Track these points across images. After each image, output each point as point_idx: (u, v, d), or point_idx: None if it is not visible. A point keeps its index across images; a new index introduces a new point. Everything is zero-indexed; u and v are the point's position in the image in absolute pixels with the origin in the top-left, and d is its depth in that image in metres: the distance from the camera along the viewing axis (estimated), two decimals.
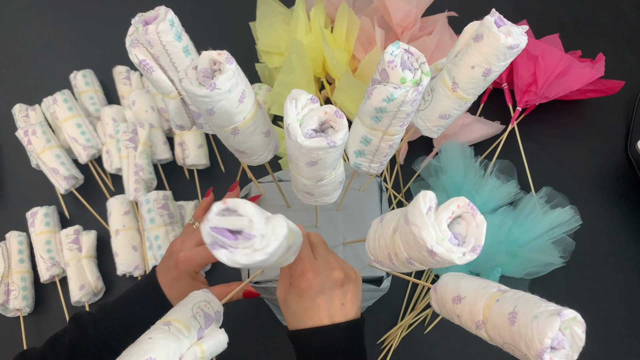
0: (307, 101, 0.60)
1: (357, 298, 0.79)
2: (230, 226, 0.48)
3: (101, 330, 0.84)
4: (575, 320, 0.53)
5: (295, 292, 0.75)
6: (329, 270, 0.75)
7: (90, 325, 0.85)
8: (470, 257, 0.55)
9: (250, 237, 0.48)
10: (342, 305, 0.76)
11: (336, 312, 0.75)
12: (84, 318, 0.86)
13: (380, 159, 0.75)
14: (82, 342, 0.84)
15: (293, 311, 0.76)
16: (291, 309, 0.77)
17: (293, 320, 0.77)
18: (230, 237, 0.48)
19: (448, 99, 0.74)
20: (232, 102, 0.60)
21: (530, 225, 1.15)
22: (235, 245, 0.48)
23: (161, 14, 0.66)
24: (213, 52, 0.58)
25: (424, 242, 0.54)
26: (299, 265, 0.74)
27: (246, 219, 0.48)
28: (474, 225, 0.56)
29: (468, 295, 0.64)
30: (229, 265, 0.48)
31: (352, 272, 0.78)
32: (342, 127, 0.58)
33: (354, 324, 0.76)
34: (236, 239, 0.48)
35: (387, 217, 0.68)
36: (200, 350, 0.64)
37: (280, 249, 0.51)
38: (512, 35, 0.65)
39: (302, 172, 0.66)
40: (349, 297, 0.77)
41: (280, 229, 0.50)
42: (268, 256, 0.49)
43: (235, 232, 0.48)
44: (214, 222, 0.48)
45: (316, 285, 0.73)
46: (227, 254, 0.48)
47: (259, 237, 0.49)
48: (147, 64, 0.69)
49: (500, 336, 0.58)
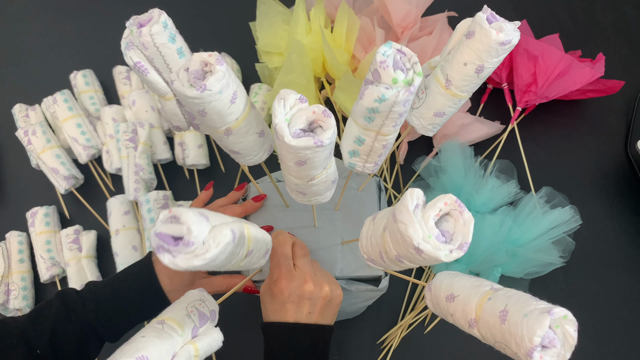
0: (296, 101, 0.60)
1: (328, 311, 0.85)
2: (172, 233, 0.52)
3: (89, 313, 0.84)
4: (567, 318, 0.53)
5: (270, 293, 0.83)
6: (302, 282, 0.81)
7: (78, 305, 0.84)
8: (457, 254, 0.55)
9: (188, 244, 0.51)
10: (309, 313, 0.82)
11: (301, 318, 0.81)
12: (71, 297, 0.85)
13: (375, 159, 0.75)
14: (67, 323, 0.83)
15: (265, 309, 0.84)
16: (264, 305, 0.85)
17: (265, 316, 0.85)
18: (171, 243, 0.51)
19: (442, 96, 0.74)
20: (223, 103, 0.60)
21: (530, 225, 1.15)
22: (177, 251, 0.51)
23: (155, 16, 0.66)
24: (204, 54, 0.58)
25: (411, 239, 0.54)
26: (276, 271, 0.82)
27: (185, 227, 0.51)
28: (462, 223, 0.56)
29: (461, 294, 0.64)
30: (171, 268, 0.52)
31: (325, 288, 0.83)
32: (329, 127, 0.58)
33: (319, 328, 0.83)
34: (177, 244, 0.51)
35: (378, 216, 0.68)
36: (194, 348, 0.64)
37: (222, 255, 0.54)
38: (504, 32, 0.65)
39: (292, 171, 0.66)
40: (317, 308, 0.83)
41: (222, 237, 0.53)
42: (207, 261, 0.52)
43: (177, 238, 0.52)
44: (159, 229, 0.52)
45: (287, 292, 0.80)
46: (170, 258, 0.51)
47: (199, 244, 0.52)
48: (142, 66, 0.69)
49: (492, 335, 0.58)
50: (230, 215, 0.91)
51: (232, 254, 0.57)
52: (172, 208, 0.53)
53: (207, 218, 0.54)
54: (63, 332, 0.82)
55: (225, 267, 0.60)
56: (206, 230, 0.53)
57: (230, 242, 0.54)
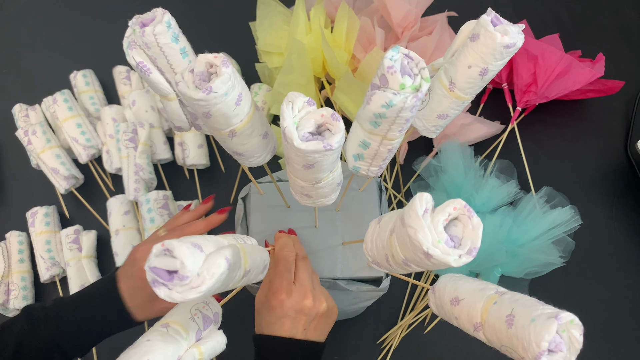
0: (304, 104, 0.59)
1: (322, 328, 0.85)
2: (166, 267, 0.52)
3: (52, 327, 0.83)
4: (573, 323, 0.53)
5: (267, 305, 0.81)
6: (301, 297, 0.80)
7: (41, 321, 0.83)
8: (467, 259, 0.55)
9: (183, 278, 0.51)
10: (304, 330, 0.81)
11: (297, 333, 0.80)
12: (36, 312, 0.84)
13: (379, 162, 0.75)
14: (31, 338, 0.82)
15: (261, 320, 0.83)
16: (260, 317, 0.83)
17: (259, 327, 0.83)
18: (166, 277, 0.52)
19: (445, 98, 0.74)
20: (228, 105, 0.60)
21: (530, 225, 1.15)
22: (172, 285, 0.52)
23: (158, 15, 0.66)
24: (209, 55, 0.58)
25: (420, 244, 0.54)
26: (276, 283, 0.81)
27: (178, 262, 0.51)
28: (470, 228, 0.56)
29: (466, 297, 0.64)
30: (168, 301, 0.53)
31: (323, 305, 0.83)
32: (338, 130, 0.58)
33: (313, 344, 0.82)
34: (172, 278, 0.52)
35: (384, 219, 0.68)
36: (198, 352, 0.64)
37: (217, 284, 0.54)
38: (509, 34, 0.65)
39: (299, 174, 0.66)
40: (313, 325, 0.82)
41: (216, 268, 0.53)
42: (202, 294, 0.52)
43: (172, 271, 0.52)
44: (153, 263, 0.52)
45: (286, 307, 0.79)
46: (166, 291, 0.52)
47: (194, 277, 0.52)
48: (145, 65, 0.69)
49: (498, 339, 0.58)
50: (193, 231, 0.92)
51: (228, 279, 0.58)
52: (165, 241, 0.53)
53: (200, 248, 0.54)
54: (27, 347, 0.82)
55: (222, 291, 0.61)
56: (200, 262, 0.53)
57: (225, 271, 0.54)
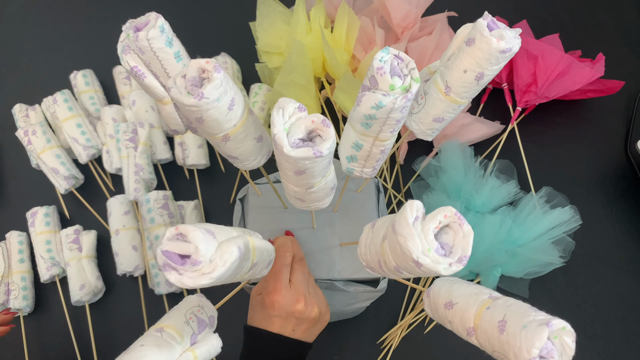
0: (295, 110, 0.59)
1: (311, 331, 0.87)
2: (179, 251, 0.52)
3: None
4: (565, 330, 0.53)
5: (261, 302, 0.83)
6: (294, 300, 0.82)
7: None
8: (457, 267, 0.55)
9: (196, 263, 0.51)
10: (293, 330, 0.83)
11: (285, 332, 0.82)
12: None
13: (373, 163, 0.75)
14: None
15: (253, 314, 0.85)
16: (253, 311, 0.85)
17: (251, 319, 0.85)
18: (178, 262, 0.51)
19: (441, 102, 0.73)
20: (221, 111, 0.60)
21: (530, 225, 1.15)
22: (184, 269, 0.51)
23: (151, 20, 0.66)
24: (201, 61, 0.58)
25: (410, 252, 0.54)
26: (272, 283, 0.82)
27: (192, 246, 0.51)
28: (461, 236, 0.56)
29: (460, 302, 0.64)
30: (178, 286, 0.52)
31: (314, 310, 0.84)
32: (329, 137, 0.58)
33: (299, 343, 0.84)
34: (184, 263, 0.51)
35: (377, 224, 0.68)
36: (193, 356, 0.64)
37: (228, 272, 0.54)
38: (505, 40, 0.64)
39: (291, 180, 0.66)
40: (302, 328, 0.84)
41: (229, 255, 0.53)
42: (214, 280, 0.52)
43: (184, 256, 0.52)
44: (165, 246, 0.52)
45: (277, 307, 0.81)
46: (177, 276, 0.51)
47: (206, 262, 0.52)
48: (139, 70, 0.69)
49: (490, 344, 0.58)
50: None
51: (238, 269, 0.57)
52: (179, 225, 0.52)
53: (213, 235, 0.54)
54: None
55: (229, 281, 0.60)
56: (213, 248, 0.53)
57: (237, 259, 0.54)
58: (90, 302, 1.23)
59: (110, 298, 1.25)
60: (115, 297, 1.26)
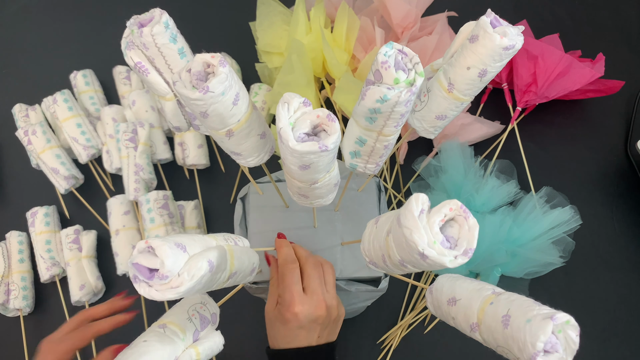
0: (300, 104, 0.59)
1: (334, 330, 0.86)
2: (148, 264, 0.53)
3: None
4: (569, 323, 0.53)
5: (280, 318, 0.81)
6: (314, 308, 0.80)
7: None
8: (462, 260, 0.55)
9: (162, 277, 0.52)
10: (318, 337, 0.82)
11: (312, 342, 0.81)
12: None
13: (376, 159, 0.75)
14: None
15: (275, 333, 0.83)
16: (273, 330, 0.83)
17: (273, 340, 0.84)
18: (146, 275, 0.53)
19: (444, 99, 0.73)
20: (225, 105, 0.60)
21: (530, 225, 1.15)
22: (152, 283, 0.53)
23: (156, 16, 0.66)
24: (207, 55, 0.58)
25: (416, 245, 0.54)
26: (287, 295, 0.80)
27: (159, 260, 0.52)
28: (466, 229, 0.56)
29: (463, 298, 0.64)
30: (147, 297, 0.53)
31: (334, 313, 0.83)
32: (334, 131, 0.58)
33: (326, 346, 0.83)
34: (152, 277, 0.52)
35: (381, 219, 0.68)
36: (195, 352, 0.64)
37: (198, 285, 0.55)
38: (508, 36, 0.64)
39: (295, 175, 0.66)
40: (327, 331, 0.84)
41: (197, 270, 0.54)
42: (181, 294, 0.53)
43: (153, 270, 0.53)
44: (135, 259, 0.53)
45: (301, 318, 0.79)
46: (146, 288, 0.53)
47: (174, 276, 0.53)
48: (143, 66, 0.69)
49: (494, 339, 0.58)
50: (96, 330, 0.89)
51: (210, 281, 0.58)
52: (149, 239, 0.54)
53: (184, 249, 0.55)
54: None
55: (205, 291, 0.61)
56: (182, 262, 0.54)
57: (207, 273, 0.55)
58: (90, 302, 1.22)
59: (110, 298, 1.25)
60: None
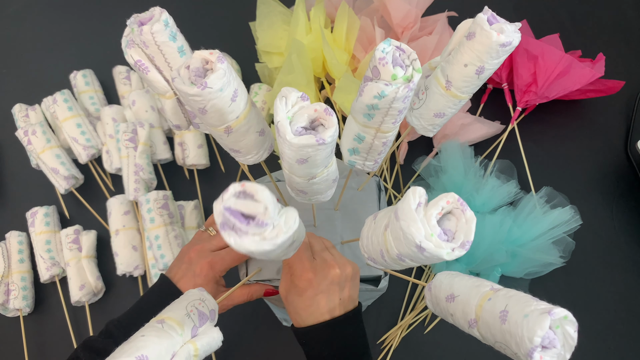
0: (297, 99, 0.60)
1: (354, 291, 0.82)
2: (245, 210, 0.48)
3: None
4: (567, 319, 0.53)
5: (296, 291, 0.79)
6: (327, 269, 0.78)
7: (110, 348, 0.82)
8: (459, 252, 0.55)
9: (262, 225, 0.48)
10: (340, 300, 0.79)
11: (335, 307, 0.79)
12: (99, 343, 0.82)
13: (375, 156, 0.75)
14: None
15: (295, 308, 0.80)
16: (293, 306, 0.80)
17: (297, 317, 0.80)
18: (242, 221, 0.48)
19: (442, 97, 0.74)
20: (224, 101, 0.60)
21: (530, 225, 1.15)
22: (246, 231, 0.48)
23: (156, 14, 0.66)
24: (205, 52, 0.58)
25: (413, 237, 0.54)
26: (298, 265, 0.79)
27: (262, 206, 0.48)
28: (464, 221, 0.56)
29: (461, 294, 0.64)
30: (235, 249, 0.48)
31: (348, 268, 0.81)
32: (331, 125, 0.58)
33: (353, 313, 0.80)
34: (248, 224, 0.48)
35: (379, 215, 0.68)
36: (193, 348, 0.64)
37: (288, 241, 0.51)
38: (505, 33, 0.65)
39: (294, 169, 0.66)
40: (346, 292, 0.80)
41: (293, 222, 0.50)
42: (276, 247, 0.49)
43: (248, 216, 0.48)
44: (229, 203, 0.48)
45: (315, 284, 0.78)
46: (236, 238, 0.48)
47: (271, 226, 0.48)
48: (143, 64, 0.69)
49: (492, 335, 0.58)
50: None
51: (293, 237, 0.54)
52: (245, 182, 0.49)
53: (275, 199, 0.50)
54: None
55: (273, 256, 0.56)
56: (277, 212, 0.50)
57: (298, 227, 0.52)
58: (90, 302, 1.22)
59: (110, 298, 1.25)
60: (115, 297, 1.26)
